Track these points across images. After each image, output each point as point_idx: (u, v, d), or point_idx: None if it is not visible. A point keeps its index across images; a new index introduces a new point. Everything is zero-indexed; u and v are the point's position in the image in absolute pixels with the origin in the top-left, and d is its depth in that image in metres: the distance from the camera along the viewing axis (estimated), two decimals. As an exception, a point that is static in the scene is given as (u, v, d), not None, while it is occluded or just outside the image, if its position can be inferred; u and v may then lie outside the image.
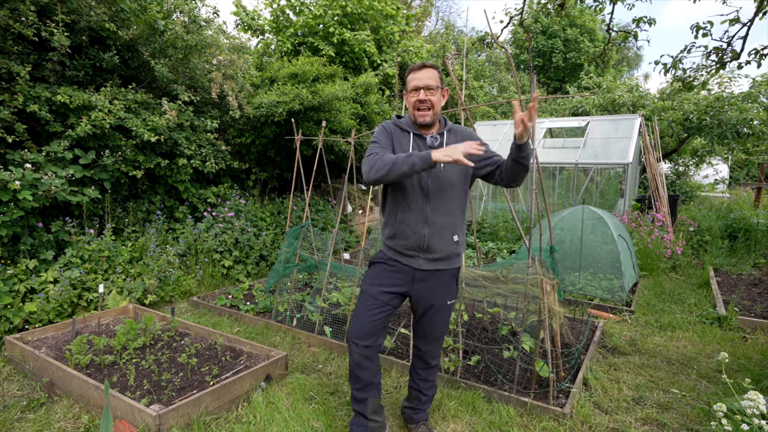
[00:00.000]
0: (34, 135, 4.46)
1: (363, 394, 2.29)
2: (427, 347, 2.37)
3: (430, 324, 2.32)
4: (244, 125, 6.52)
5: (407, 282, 2.25)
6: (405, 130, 2.24)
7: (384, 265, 2.29)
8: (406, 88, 2.23)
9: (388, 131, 2.25)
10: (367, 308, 2.23)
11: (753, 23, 4.14)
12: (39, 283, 3.96)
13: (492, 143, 8.95)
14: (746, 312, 4.43)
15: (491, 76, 21.67)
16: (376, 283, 2.27)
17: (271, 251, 5.93)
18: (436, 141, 2.20)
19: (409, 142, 2.21)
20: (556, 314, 2.85)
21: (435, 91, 2.15)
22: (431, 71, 2.16)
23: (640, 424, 2.64)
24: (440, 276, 2.26)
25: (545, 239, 3.07)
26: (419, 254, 2.20)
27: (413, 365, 2.47)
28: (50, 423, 2.59)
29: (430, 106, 2.16)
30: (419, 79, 2.15)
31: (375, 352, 2.24)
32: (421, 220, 2.16)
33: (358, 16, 9.48)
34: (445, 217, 2.18)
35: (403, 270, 2.24)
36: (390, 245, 2.26)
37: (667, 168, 12.48)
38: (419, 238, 2.17)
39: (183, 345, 3.46)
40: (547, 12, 5.93)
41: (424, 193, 2.16)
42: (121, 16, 4.93)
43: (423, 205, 2.16)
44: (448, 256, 2.24)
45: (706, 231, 7.20)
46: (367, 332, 2.20)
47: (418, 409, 2.46)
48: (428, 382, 2.45)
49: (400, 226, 2.20)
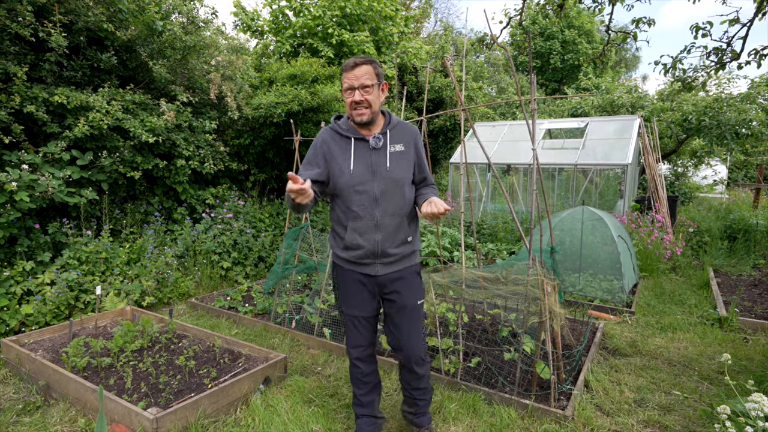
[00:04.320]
0: (31, 136, 4.43)
1: (369, 397, 2.35)
2: (406, 353, 2.26)
3: (403, 326, 2.23)
4: (243, 126, 6.50)
5: (373, 292, 2.23)
6: (345, 136, 2.14)
7: (346, 278, 2.24)
8: (342, 87, 2.11)
9: (321, 145, 2.16)
10: (353, 326, 2.29)
11: (753, 24, 4.14)
12: (36, 285, 3.93)
13: (491, 144, 8.94)
14: (747, 313, 4.42)
15: (490, 78, 21.68)
16: (348, 307, 2.26)
17: (269, 252, 5.90)
18: (379, 141, 2.11)
19: (351, 148, 2.12)
20: (556, 315, 2.83)
21: (371, 89, 2.03)
22: (366, 68, 2.03)
23: (642, 426, 2.62)
24: (402, 275, 2.20)
25: (545, 240, 3.05)
26: (375, 261, 2.15)
27: (401, 374, 2.39)
28: (46, 426, 2.56)
29: (368, 105, 2.05)
30: (353, 77, 2.02)
31: (373, 354, 2.36)
32: (372, 225, 2.10)
33: (357, 17, 9.48)
34: (395, 219, 2.12)
35: (365, 281, 2.19)
36: (344, 256, 2.19)
37: (666, 169, 12.49)
38: (373, 245, 2.11)
39: (181, 347, 3.43)
40: (545, 13, 5.93)
41: (371, 196, 2.08)
42: (119, 17, 4.91)
43: (372, 209, 2.09)
44: (403, 256, 2.20)
45: (706, 232, 7.20)
46: (361, 343, 2.30)
47: (418, 413, 2.43)
48: (420, 390, 2.37)
49: (351, 236, 2.12)
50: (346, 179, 2.09)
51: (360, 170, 2.09)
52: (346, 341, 2.37)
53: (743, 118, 8.43)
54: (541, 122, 9.28)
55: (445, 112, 4.82)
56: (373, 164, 2.10)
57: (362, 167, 2.10)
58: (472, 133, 4.60)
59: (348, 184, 2.09)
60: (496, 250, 6.76)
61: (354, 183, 2.09)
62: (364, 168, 2.10)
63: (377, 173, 2.10)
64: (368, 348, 2.32)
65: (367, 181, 2.09)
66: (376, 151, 2.12)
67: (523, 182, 8.83)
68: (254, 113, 6.06)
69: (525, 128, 8.82)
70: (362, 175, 2.09)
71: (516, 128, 9.28)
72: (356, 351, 2.30)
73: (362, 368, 2.32)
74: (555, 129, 9.54)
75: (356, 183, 2.09)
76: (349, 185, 2.09)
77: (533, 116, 2.86)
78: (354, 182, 2.09)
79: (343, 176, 2.10)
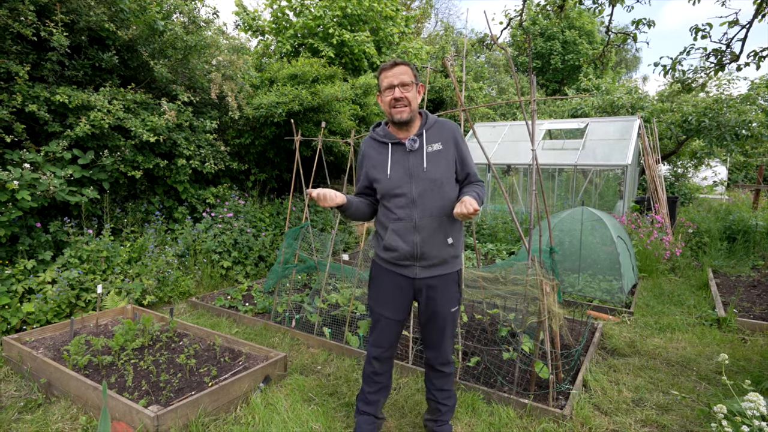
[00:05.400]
0: (32, 135, 4.45)
1: (376, 396, 2.37)
2: (433, 354, 2.31)
3: (433, 332, 2.27)
4: (244, 126, 6.52)
5: (408, 295, 2.24)
6: (382, 143, 2.18)
7: (382, 278, 2.26)
8: (380, 89, 2.13)
9: (362, 159, 2.25)
10: (380, 326, 2.29)
11: (752, 25, 4.15)
12: (37, 284, 3.95)
13: (491, 144, 8.96)
14: (745, 313, 4.43)
15: (490, 78, 21.70)
16: (379, 307, 2.27)
17: (270, 252, 5.92)
18: (414, 143, 2.12)
19: (388, 154, 2.15)
20: (555, 315, 2.84)
21: (410, 87, 2.07)
22: (404, 67, 2.07)
23: (640, 425, 2.64)
24: (440, 282, 2.19)
25: (545, 240, 3.06)
26: (414, 263, 2.15)
27: (426, 375, 2.41)
28: (48, 424, 2.58)
29: (407, 103, 2.07)
30: (393, 75, 2.06)
31: (391, 357, 2.37)
32: (410, 227, 2.10)
33: (357, 17, 9.49)
34: (435, 220, 2.11)
35: (401, 283, 2.20)
36: (384, 257, 2.22)
37: (666, 170, 12.50)
38: (411, 247, 2.11)
39: (181, 346, 3.44)
40: (546, 14, 5.94)
41: (409, 198, 2.10)
42: (121, 17, 4.92)
43: (410, 211, 2.10)
44: (444, 261, 2.17)
45: (705, 233, 7.21)
46: (383, 345, 2.31)
47: (439, 421, 2.40)
48: (444, 392, 2.36)
49: (391, 237, 2.14)
50: (384, 184, 2.13)
51: (397, 174, 2.12)
52: (368, 338, 2.37)
53: (743, 119, 8.44)
54: (541, 123, 9.29)
55: (446, 113, 4.84)
56: (410, 167, 2.12)
57: (400, 171, 2.12)
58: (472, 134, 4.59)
59: (387, 188, 2.13)
60: (495, 251, 6.78)
61: (392, 187, 2.12)
62: (402, 171, 2.12)
63: (414, 175, 2.11)
64: (388, 350, 2.32)
65: (404, 184, 2.11)
66: (413, 153, 2.13)
67: (522, 183, 8.85)
68: (255, 113, 6.07)
69: (525, 129, 8.83)
70: (400, 179, 2.11)
71: (516, 129, 9.29)
72: (376, 350, 2.30)
73: (376, 368, 2.33)
74: (555, 129, 9.55)
75: (394, 187, 2.12)
76: (387, 189, 2.13)
77: (533, 117, 2.87)
78: (392, 186, 2.12)
79: (383, 182, 2.14)
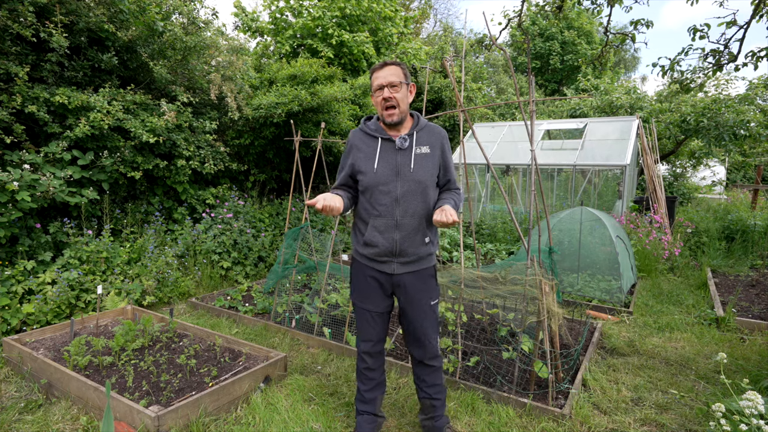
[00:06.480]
0: (32, 136, 4.45)
1: (372, 394, 2.39)
2: (420, 350, 2.32)
3: (417, 327, 2.28)
4: (243, 126, 6.52)
5: (388, 290, 2.29)
6: (372, 136, 2.21)
7: (362, 274, 2.30)
8: (371, 89, 2.17)
9: (349, 149, 2.25)
10: (365, 320, 2.34)
11: (750, 25, 4.17)
12: (37, 285, 3.95)
13: (490, 144, 8.97)
14: (744, 313, 4.44)
15: (489, 78, 21.72)
16: (362, 301, 2.32)
17: (269, 252, 5.92)
18: (405, 142, 2.15)
19: (377, 148, 2.17)
20: (554, 315, 2.85)
21: (399, 88, 2.10)
22: (394, 68, 2.12)
23: (639, 424, 2.65)
24: (417, 277, 2.24)
25: (544, 240, 3.07)
26: (392, 259, 2.19)
27: (416, 374, 2.41)
28: (48, 424, 2.58)
29: (396, 104, 2.11)
30: (382, 77, 2.10)
31: (381, 351, 2.40)
32: (392, 224, 2.14)
33: (356, 18, 9.50)
34: (415, 219, 2.15)
35: (381, 278, 2.25)
36: (363, 252, 2.26)
37: (665, 170, 12.53)
38: (391, 244, 2.15)
39: (182, 346, 3.45)
40: (545, 14, 5.96)
41: (393, 196, 2.13)
42: (120, 18, 4.93)
43: (392, 209, 2.13)
44: (421, 257, 2.22)
45: (704, 232, 7.22)
46: (371, 338, 2.34)
47: (435, 416, 2.41)
48: (437, 387, 2.38)
49: (371, 233, 2.18)
50: (370, 178, 2.14)
51: (384, 170, 2.14)
52: (356, 335, 2.42)
53: (741, 119, 8.47)
54: (540, 123, 9.31)
55: (445, 113, 4.84)
56: (397, 165, 2.14)
57: (387, 167, 2.14)
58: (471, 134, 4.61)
59: (372, 183, 2.14)
60: (495, 251, 6.79)
61: (378, 182, 2.13)
62: (389, 168, 2.14)
63: (401, 174, 2.14)
64: (377, 344, 2.36)
65: (390, 181, 2.13)
66: (402, 151, 2.16)
67: (522, 183, 8.86)
68: (254, 113, 6.08)
69: (524, 129, 8.85)
70: (386, 175, 2.13)
71: (515, 129, 9.30)
72: (366, 345, 2.35)
73: (369, 363, 2.36)
74: (554, 130, 9.57)
75: (380, 182, 2.13)
76: (372, 184, 2.14)
77: (532, 117, 2.88)
78: (378, 182, 2.13)
79: (368, 175, 2.15)
